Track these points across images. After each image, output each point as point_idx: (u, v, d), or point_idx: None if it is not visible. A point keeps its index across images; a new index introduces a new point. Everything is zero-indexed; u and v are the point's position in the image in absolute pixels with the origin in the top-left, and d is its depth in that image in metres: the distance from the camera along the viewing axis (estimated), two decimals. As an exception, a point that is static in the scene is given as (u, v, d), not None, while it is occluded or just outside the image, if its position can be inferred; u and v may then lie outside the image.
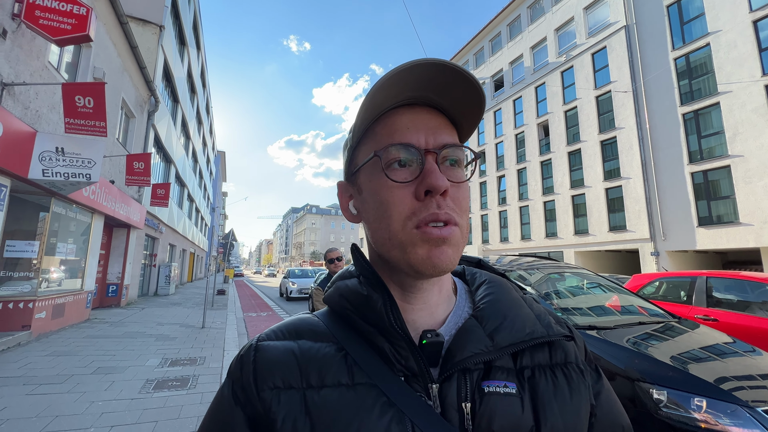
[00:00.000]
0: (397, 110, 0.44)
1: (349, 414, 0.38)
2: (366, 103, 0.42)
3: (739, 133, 14.13)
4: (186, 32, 16.98)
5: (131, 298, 11.47)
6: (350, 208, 0.50)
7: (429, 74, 0.40)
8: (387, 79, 0.40)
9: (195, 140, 22.71)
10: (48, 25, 4.94)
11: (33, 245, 6.20)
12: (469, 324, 0.45)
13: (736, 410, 1.69)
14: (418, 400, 0.40)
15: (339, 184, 0.52)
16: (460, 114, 0.45)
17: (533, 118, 23.76)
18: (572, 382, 0.44)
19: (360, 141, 0.47)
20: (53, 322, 6.62)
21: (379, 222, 0.43)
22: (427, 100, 0.44)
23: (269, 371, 0.42)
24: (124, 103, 9.70)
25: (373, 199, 0.44)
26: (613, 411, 0.47)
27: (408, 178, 0.42)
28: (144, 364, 4.74)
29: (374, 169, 0.44)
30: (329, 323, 0.48)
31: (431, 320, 0.46)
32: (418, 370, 0.41)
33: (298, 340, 0.45)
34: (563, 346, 0.47)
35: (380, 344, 0.43)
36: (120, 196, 9.10)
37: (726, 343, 2.42)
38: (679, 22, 16.56)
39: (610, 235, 18.38)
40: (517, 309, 0.47)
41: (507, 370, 0.43)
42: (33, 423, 3.00)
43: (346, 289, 0.48)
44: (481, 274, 0.54)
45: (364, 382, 0.41)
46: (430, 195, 0.40)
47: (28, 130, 5.31)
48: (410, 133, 0.42)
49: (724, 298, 4.57)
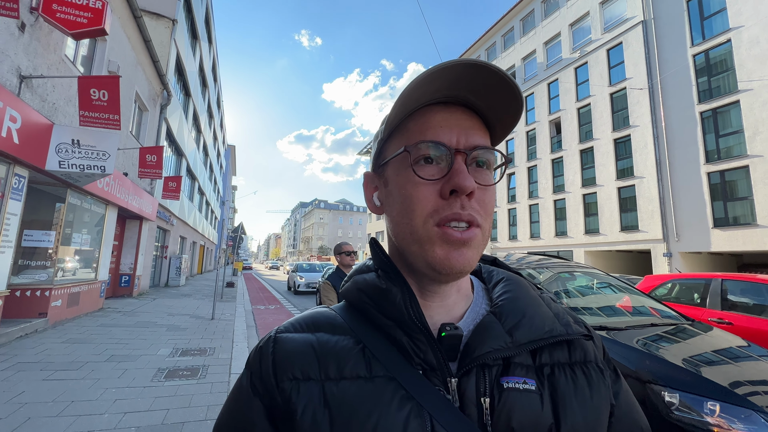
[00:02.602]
0: (432, 107, 0.44)
1: (368, 406, 0.38)
2: (402, 98, 0.42)
3: (759, 133, 13.71)
4: (198, 26, 17.08)
5: (143, 289, 11.70)
6: (374, 199, 0.51)
7: (468, 74, 0.40)
8: (426, 76, 0.40)
9: (206, 134, 22.93)
10: (65, 19, 5.02)
11: (49, 235, 6.35)
12: (488, 320, 0.45)
13: (751, 416, 1.65)
14: (436, 394, 0.39)
15: (365, 175, 0.53)
16: (496, 118, 0.45)
17: (545, 115, 23.40)
18: (592, 380, 0.44)
19: (391, 134, 0.47)
20: (68, 311, 6.80)
21: (402, 216, 0.43)
22: (463, 100, 0.44)
23: (289, 362, 0.42)
24: (138, 96, 9.83)
25: (399, 193, 0.44)
26: (632, 412, 0.47)
27: (435, 176, 0.42)
28: (156, 353, 4.84)
29: (402, 163, 0.44)
30: (347, 317, 0.48)
31: (448, 317, 0.46)
32: (436, 363, 0.41)
33: (316, 333, 0.46)
34: (582, 345, 0.47)
35: (399, 337, 0.43)
36: (133, 189, 9.25)
37: (740, 347, 2.37)
38: (699, 18, 16.08)
39: (622, 235, 18.07)
40: (535, 307, 0.47)
41: (526, 366, 0.43)
42: (50, 407, 3.09)
43: (365, 283, 0.48)
44: (498, 272, 0.53)
45: (383, 375, 0.41)
46: (456, 195, 0.40)
47: (45, 122, 5.42)
48: (443, 131, 0.42)
49: (740, 301, 4.47)
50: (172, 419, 3.00)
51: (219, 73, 28.39)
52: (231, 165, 51.15)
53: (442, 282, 0.44)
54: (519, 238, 24.50)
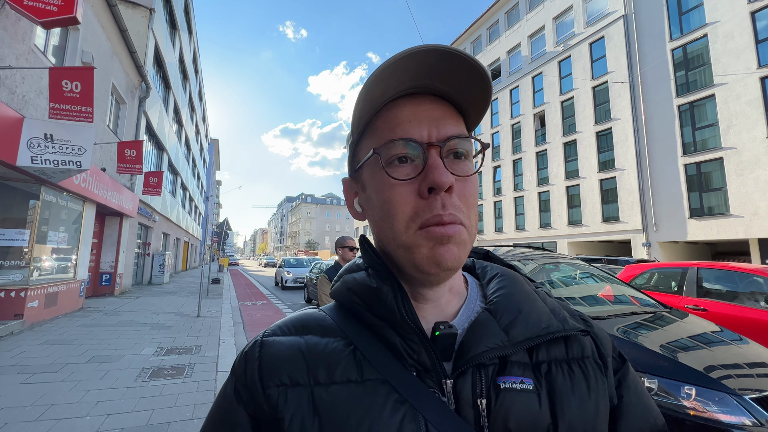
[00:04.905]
0: (397, 102, 0.42)
1: (359, 411, 0.37)
2: (362, 97, 0.40)
3: (733, 126, 14.22)
4: (177, 16, 16.52)
5: (125, 287, 11.42)
6: (355, 205, 0.49)
7: (429, 61, 0.38)
8: (383, 69, 0.38)
9: (188, 127, 22.34)
10: (33, 6, 4.75)
11: (23, 234, 6.10)
12: (483, 318, 0.43)
13: (723, 398, 1.73)
14: (431, 396, 0.38)
15: (344, 181, 0.51)
16: (466, 101, 0.43)
17: (530, 109, 23.67)
18: (589, 376, 0.43)
19: (361, 136, 0.46)
20: (46, 311, 6.58)
21: (383, 221, 0.42)
22: (430, 88, 0.41)
23: (275, 368, 0.41)
24: (114, 88, 9.47)
25: (377, 197, 0.43)
26: (641, 402, 0.45)
27: (411, 175, 0.40)
28: (139, 353, 4.74)
29: (375, 166, 0.42)
30: (337, 318, 0.46)
31: (442, 315, 0.45)
32: (430, 364, 0.40)
33: (304, 336, 0.44)
34: (580, 340, 0.46)
35: (391, 338, 0.41)
36: (112, 185, 8.96)
37: (713, 332, 2.47)
38: (677, 12, 16.47)
39: (603, 225, 18.57)
40: (531, 303, 0.45)
41: (523, 365, 0.41)
42: (28, 411, 2.99)
43: (354, 283, 0.46)
44: (492, 268, 0.52)
45: (375, 378, 0.39)
46: (435, 192, 0.38)
47: (14, 115, 5.17)
48: (412, 126, 0.40)
49: (714, 288, 4.66)
50: (158, 419, 2.95)
51: (200, 65, 27.62)
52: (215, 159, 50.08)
53: (433, 283, 0.43)
54: (504, 230, 24.88)
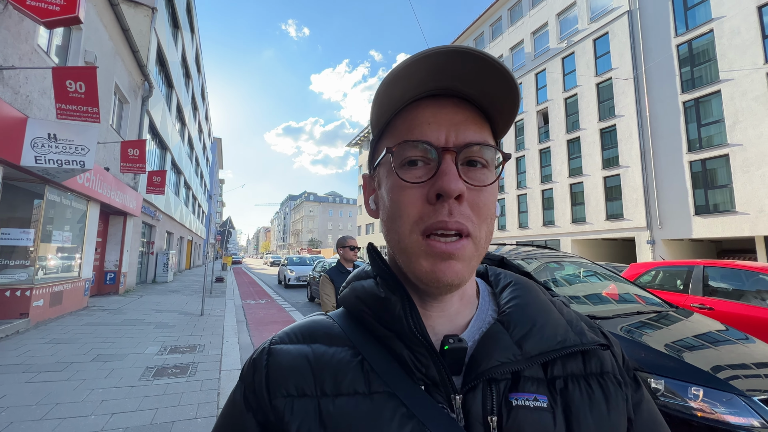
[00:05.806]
0: (420, 102, 0.41)
1: (366, 425, 0.36)
2: (380, 96, 0.39)
3: (739, 122, 14.06)
4: (179, 15, 16.55)
5: (129, 286, 11.49)
6: (371, 202, 0.48)
7: (451, 63, 0.37)
8: (402, 69, 0.36)
9: (191, 126, 22.40)
10: (36, 6, 4.77)
11: (28, 233, 6.15)
12: (495, 330, 0.41)
13: (731, 399, 1.71)
14: (440, 412, 0.37)
15: (363, 177, 0.51)
16: (493, 107, 0.41)
17: (533, 106, 23.54)
18: (609, 394, 0.40)
19: (382, 134, 0.45)
20: (51, 310, 6.63)
21: (390, 222, 0.41)
22: (454, 90, 0.40)
23: (282, 377, 0.40)
24: (117, 88, 9.50)
25: (387, 197, 0.42)
26: (655, 424, 0.43)
27: (422, 178, 0.38)
28: (143, 352, 4.76)
29: (388, 166, 0.41)
30: (345, 326, 0.45)
31: (451, 326, 0.43)
32: (439, 379, 0.38)
33: (312, 344, 0.43)
34: (599, 354, 0.43)
35: (399, 350, 0.40)
36: (115, 184, 9.00)
37: (719, 331, 2.45)
38: (683, 7, 16.27)
39: (607, 223, 18.45)
40: (546, 314, 0.44)
41: (537, 380, 0.40)
42: (33, 410, 3.02)
43: (363, 291, 0.45)
44: (506, 275, 0.50)
45: (382, 391, 0.38)
46: (443, 199, 0.37)
47: (18, 115, 5.19)
48: (431, 129, 0.39)
49: (720, 287, 4.61)
50: (162, 419, 2.96)
51: (203, 64, 27.67)
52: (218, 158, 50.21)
53: (437, 295, 0.41)
54: (508, 228, 24.80)
